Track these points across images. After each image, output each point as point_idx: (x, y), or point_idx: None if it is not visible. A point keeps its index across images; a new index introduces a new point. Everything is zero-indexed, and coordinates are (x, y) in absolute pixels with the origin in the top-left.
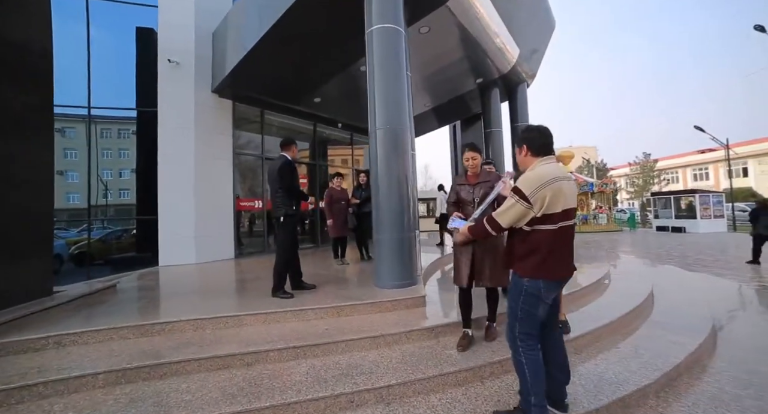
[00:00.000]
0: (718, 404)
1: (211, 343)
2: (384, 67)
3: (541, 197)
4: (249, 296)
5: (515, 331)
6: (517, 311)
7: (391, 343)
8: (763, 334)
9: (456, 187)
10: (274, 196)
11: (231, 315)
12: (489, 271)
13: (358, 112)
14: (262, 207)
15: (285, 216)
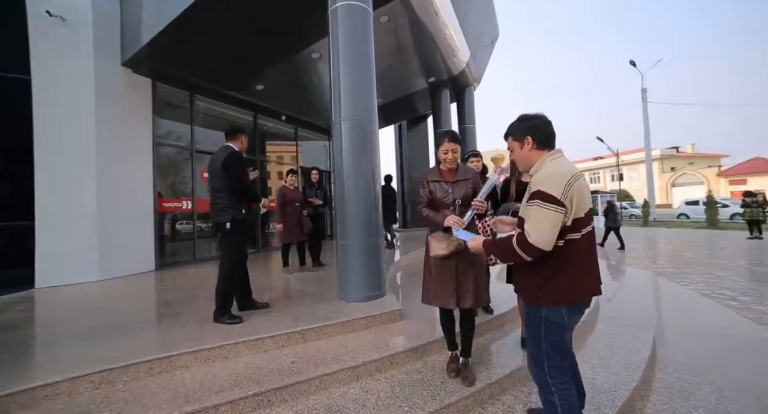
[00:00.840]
0: (687, 396)
1: (126, 405)
2: (351, 49)
3: (570, 198)
4: (181, 325)
5: (544, 367)
6: (542, 344)
7: (374, 371)
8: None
9: (428, 183)
10: (217, 197)
11: (156, 357)
12: (473, 289)
13: (306, 104)
14: (192, 208)
15: (232, 221)
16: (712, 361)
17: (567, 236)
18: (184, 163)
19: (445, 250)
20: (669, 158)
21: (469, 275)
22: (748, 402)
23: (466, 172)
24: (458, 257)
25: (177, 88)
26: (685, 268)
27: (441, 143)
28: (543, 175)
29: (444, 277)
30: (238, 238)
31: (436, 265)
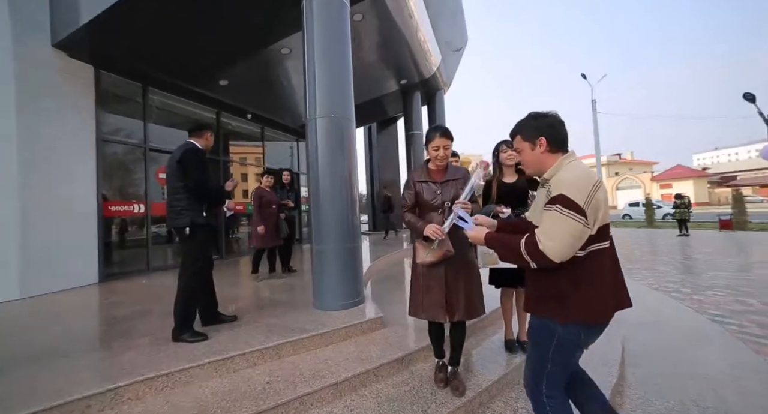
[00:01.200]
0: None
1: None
2: (327, 43)
3: (595, 206)
4: (131, 347)
5: (541, 386)
6: (548, 362)
7: (358, 386)
8: None
9: (415, 184)
10: (174, 199)
11: (95, 392)
12: (465, 300)
13: (274, 102)
14: (145, 211)
15: (192, 226)
16: (674, 352)
17: (595, 246)
18: (136, 162)
19: (433, 256)
20: (613, 164)
21: (459, 284)
22: (706, 388)
23: (457, 172)
24: (448, 264)
25: (127, 79)
26: (635, 264)
27: (432, 138)
28: (566, 178)
29: (432, 286)
30: (199, 244)
31: (423, 274)
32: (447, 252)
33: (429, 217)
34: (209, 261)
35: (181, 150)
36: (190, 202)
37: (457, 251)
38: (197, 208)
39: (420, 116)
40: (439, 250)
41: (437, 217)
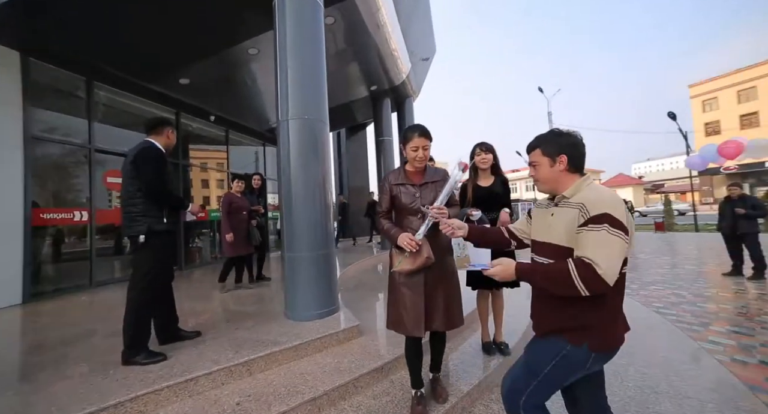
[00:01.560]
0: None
1: None
2: (300, 43)
3: (629, 226)
4: (67, 377)
5: (521, 398)
6: (539, 375)
7: (338, 399)
8: None
9: (391, 187)
10: (128, 204)
11: None
12: (444, 310)
13: (239, 104)
14: (88, 219)
15: (149, 233)
16: (628, 344)
17: (624, 269)
18: (78, 165)
19: (410, 264)
20: None
21: (439, 293)
22: (659, 376)
23: (436, 173)
24: (427, 272)
25: (66, 70)
26: None
27: (410, 138)
28: (601, 197)
29: (410, 297)
30: (154, 254)
31: (401, 284)
32: (427, 259)
33: (407, 222)
34: (168, 272)
35: (136, 149)
36: (147, 207)
37: (437, 258)
38: (156, 214)
39: (390, 122)
40: (419, 258)
41: (417, 222)
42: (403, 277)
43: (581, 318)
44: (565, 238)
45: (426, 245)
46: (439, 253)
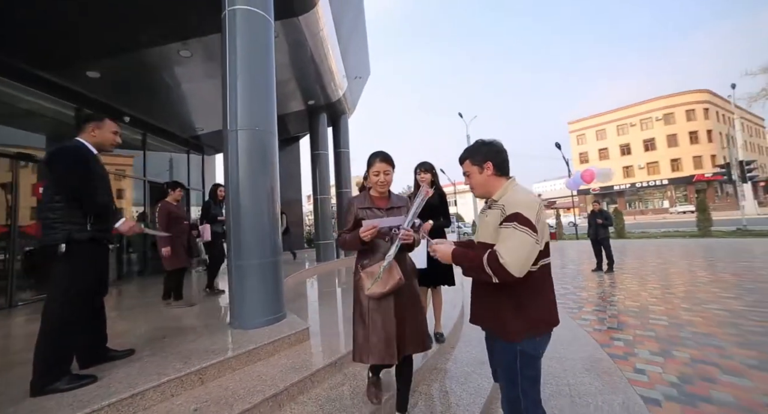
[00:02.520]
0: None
1: None
2: (250, 60)
3: (542, 223)
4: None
5: (520, 406)
6: (518, 381)
7: (297, 394)
8: None
9: (356, 211)
10: (47, 209)
11: None
12: (416, 333)
13: (161, 107)
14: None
15: (69, 242)
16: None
17: (541, 261)
18: None
19: (381, 287)
20: None
21: (410, 316)
22: (550, 347)
23: (400, 200)
24: (396, 296)
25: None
26: None
27: (372, 163)
28: (520, 199)
29: (381, 323)
30: (78, 266)
31: (371, 309)
32: (399, 280)
33: (376, 246)
34: (97, 286)
35: (53, 149)
36: (67, 213)
37: (405, 280)
38: (78, 221)
39: (326, 137)
40: (390, 280)
41: (384, 245)
42: (372, 303)
43: (519, 306)
44: (494, 235)
45: (396, 267)
46: (405, 275)
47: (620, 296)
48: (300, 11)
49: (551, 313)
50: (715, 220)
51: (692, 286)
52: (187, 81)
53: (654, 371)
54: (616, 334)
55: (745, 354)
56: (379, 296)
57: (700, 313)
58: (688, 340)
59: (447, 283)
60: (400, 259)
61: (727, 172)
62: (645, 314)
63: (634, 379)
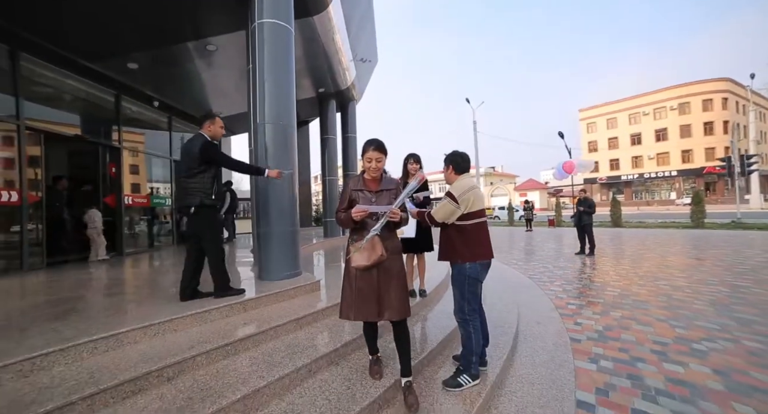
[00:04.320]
0: (533, 337)
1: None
2: (275, 65)
3: (467, 199)
4: (141, 302)
5: (465, 310)
6: (465, 293)
7: (311, 321)
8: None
9: (350, 192)
10: (188, 181)
11: (105, 335)
12: (395, 301)
13: (184, 92)
14: (19, 200)
15: (201, 206)
16: (514, 293)
17: (476, 220)
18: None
19: (367, 260)
20: (489, 175)
21: (390, 287)
22: (523, 308)
23: (390, 183)
24: (379, 269)
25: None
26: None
27: (366, 150)
28: (454, 185)
29: (364, 289)
30: (211, 222)
31: (357, 277)
32: (381, 256)
33: (363, 223)
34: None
35: (200, 142)
36: (201, 185)
37: (388, 257)
38: (207, 191)
39: (334, 122)
40: (373, 254)
41: (371, 223)
42: (359, 272)
43: (461, 250)
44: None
45: (380, 244)
46: (390, 252)
47: (590, 274)
48: (314, 12)
49: (485, 250)
50: (716, 212)
51: (656, 268)
52: (210, 70)
53: (588, 324)
54: (572, 300)
55: (662, 313)
56: (363, 268)
57: (648, 287)
58: (626, 305)
59: (428, 249)
60: (387, 237)
61: (728, 165)
62: (604, 288)
63: (571, 328)
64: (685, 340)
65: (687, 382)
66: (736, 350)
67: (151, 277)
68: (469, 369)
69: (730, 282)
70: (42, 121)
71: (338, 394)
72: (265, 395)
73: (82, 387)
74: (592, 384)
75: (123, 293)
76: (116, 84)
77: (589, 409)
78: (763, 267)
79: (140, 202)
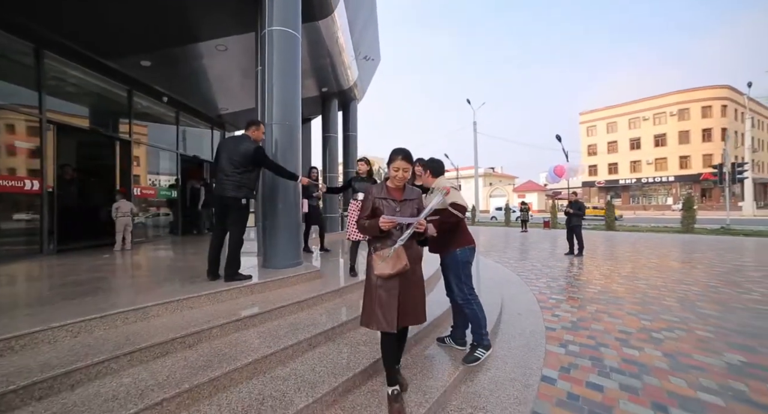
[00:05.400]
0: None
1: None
2: (283, 69)
3: (463, 200)
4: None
5: (465, 291)
6: (462, 276)
7: (313, 305)
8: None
9: (375, 200)
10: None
11: (132, 308)
12: (414, 309)
13: (192, 89)
14: (40, 189)
15: (247, 198)
16: (499, 286)
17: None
18: (31, 134)
19: (391, 268)
20: (489, 176)
21: (410, 295)
22: (507, 301)
23: (412, 192)
24: (401, 277)
25: (12, 35)
26: (492, 251)
27: (394, 160)
28: (451, 195)
29: (386, 298)
30: (244, 213)
31: (379, 286)
32: (405, 266)
33: (388, 232)
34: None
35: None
36: (247, 181)
37: (410, 265)
38: (253, 187)
39: (336, 121)
40: (398, 264)
41: (396, 233)
42: (380, 280)
43: (452, 241)
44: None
45: (404, 253)
46: (412, 261)
47: (575, 273)
48: (319, 17)
49: (469, 238)
50: (709, 218)
51: (638, 269)
52: (218, 69)
53: (564, 315)
54: (554, 296)
55: (633, 308)
56: (387, 277)
57: (627, 286)
58: (602, 300)
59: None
60: (409, 246)
61: (720, 172)
62: (586, 286)
63: (549, 319)
64: (647, 330)
65: (639, 362)
66: (688, 338)
67: (164, 263)
68: (482, 342)
69: (704, 282)
70: (60, 114)
71: (334, 363)
72: (271, 361)
73: (122, 346)
74: (558, 364)
75: (141, 276)
76: (129, 80)
77: (551, 383)
78: (737, 270)
79: (148, 193)
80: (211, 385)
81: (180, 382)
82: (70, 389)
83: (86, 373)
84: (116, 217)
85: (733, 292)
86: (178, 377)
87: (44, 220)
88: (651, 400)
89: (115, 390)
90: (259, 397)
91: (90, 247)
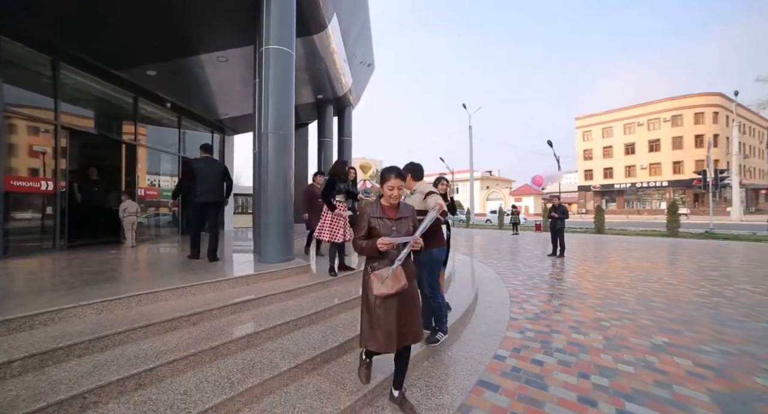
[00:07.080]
0: (487, 313)
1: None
2: (278, 84)
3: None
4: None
5: (434, 287)
6: (434, 273)
7: (301, 294)
8: None
9: (370, 219)
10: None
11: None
12: (413, 327)
13: (194, 95)
14: (54, 189)
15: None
16: (478, 282)
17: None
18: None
19: (389, 288)
20: (486, 179)
21: (408, 313)
22: (485, 295)
23: (407, 209)
24: (399, 295)
25: (33, 49)
26: (480, 252)
27: (387, 178)
28: (422, 188)
29: (384, 318)
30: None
31: (377, 306)
32: (404, 285)
33: (386, 253)
34: None
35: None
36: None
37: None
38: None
39: (332, 126)
40: (396, 284)
41: (393, 252)
42: (378, 300)
43: (431, 241)
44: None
45: (402, 273)
46: (408, 278)
47: (552, 272)
48: (314, 32)
49: (442, 241)
50: (697, 222)
51: (611, 269)
52: (219, 77)
53: (531, 308)
54: (526, 291)
55: (594, 302)
56: (384, 296)
57: (596, 283)
58: (568, 296)
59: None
60: (405, 264)
61: (704, 178)
62: (558, 283)
63: (516, 310)
64: (598, 320)
65: (581, 344)
66: (630, 325)
67: (167, 258)
68: (442, 328)
69: (666, 281)
70: (72, 117)
71: (315, 340)
72: (262, 337)
73: (138, 321)
74: (511, 346)
75: (148, 268)
76: (135, 88)
77: (501, 360)
78: (701, 270)
79: (151, 194)
80: (212, 351)
81: (187, 348)
82: (100, 351)
83: (112, 340)
84: (123, 217)
85: (686, 289)
86: (185, 345)
87: (57, 218)
88: (578, 371)
89: (136, 352)
90: (251, 362)
91: (97, 243)
